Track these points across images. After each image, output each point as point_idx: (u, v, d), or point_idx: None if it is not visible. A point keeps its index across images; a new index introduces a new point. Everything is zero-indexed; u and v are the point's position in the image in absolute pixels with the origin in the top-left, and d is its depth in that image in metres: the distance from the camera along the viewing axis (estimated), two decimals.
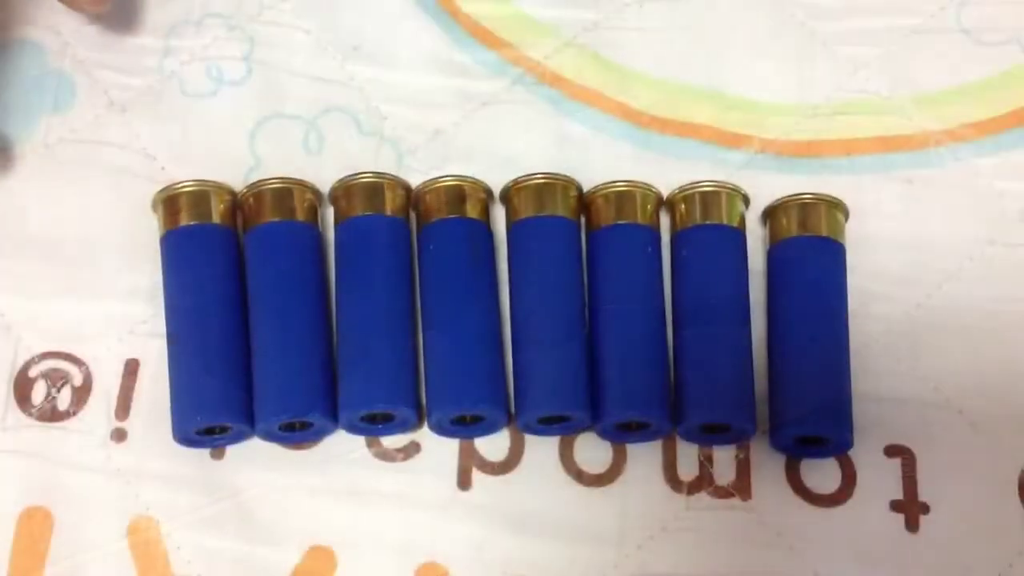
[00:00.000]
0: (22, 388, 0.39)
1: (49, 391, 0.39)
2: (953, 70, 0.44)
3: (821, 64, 0.44)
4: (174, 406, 0.37)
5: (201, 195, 0.39)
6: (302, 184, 0.39)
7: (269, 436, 0.37)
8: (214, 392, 0.37)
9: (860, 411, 0.38)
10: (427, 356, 0.37)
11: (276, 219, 0.38)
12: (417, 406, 0.37)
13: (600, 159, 0.42)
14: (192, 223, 0.38)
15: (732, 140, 0.43)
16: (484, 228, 0.39)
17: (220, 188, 0.39)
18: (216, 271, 0.38)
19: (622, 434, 0.37)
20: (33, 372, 0.39)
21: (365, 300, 0.37)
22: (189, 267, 0.38)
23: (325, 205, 0.40)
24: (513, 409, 0.38)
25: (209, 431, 0.37)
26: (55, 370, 0.39)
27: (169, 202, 0.39)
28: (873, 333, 0.39)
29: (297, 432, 0.37)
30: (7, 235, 0.41)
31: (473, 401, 0.36)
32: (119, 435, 0.38)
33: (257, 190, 0.39)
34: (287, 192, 0.39)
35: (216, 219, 0.39)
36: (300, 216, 0.39)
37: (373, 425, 0.37)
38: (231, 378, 0.37)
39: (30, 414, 0.38)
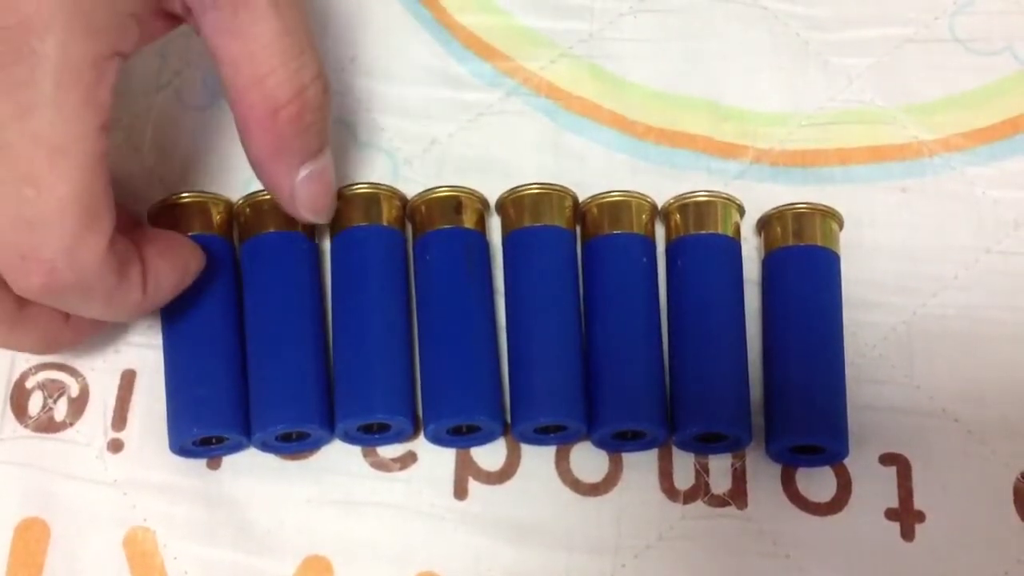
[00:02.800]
0: (19, 399, 0.39)
1: (46, 402, 0.39)
2: (946, 80, 0.44)
3: (814, 74, 0.44)
4: (170, 416, 0.37)
5: (198, 206, 0.39)
6: None
7: (266, 446, 0.37)
8: (210, 403, 0.37)
9: (855, 420, 0.38)
10: (424, 366, 0.37)
11: (273, 230, 0.39)
12: (414, 416, 0.37)
13: (595, 169, 0.42)
14: (188, 234, 0.38)
15: (727, 150, 0.43)
16: (480, 238, 0.39)
17: (217, 199, 0.39)
18: (213, 282, 0.38)
19: (618, 443, 0.37)
20: (30, 383, 0.39)
21: (361, 310, 0.37)
22: None
23: None
24: (509, 419, 0.38)
25: (205, 441, 0.37)
26: (52, 381, 0.39)
27: (165, 212, 0.39)
28: (868, 342, 0.40)
29: (294, 442, 0.37)
30: None
31: (470, 411, 0.36)
32: (116, 446, 0.38)
33: (254, 201, 0.39)
34: None
35: (213, 230, 0.39)
36: (297, 227, 0.39)
37: (370, 435, 0.37)
38: (228, 388, 0.37)
39: (27, 425, 0.38)
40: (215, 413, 0.36)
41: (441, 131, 0.43)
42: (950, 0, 0.45)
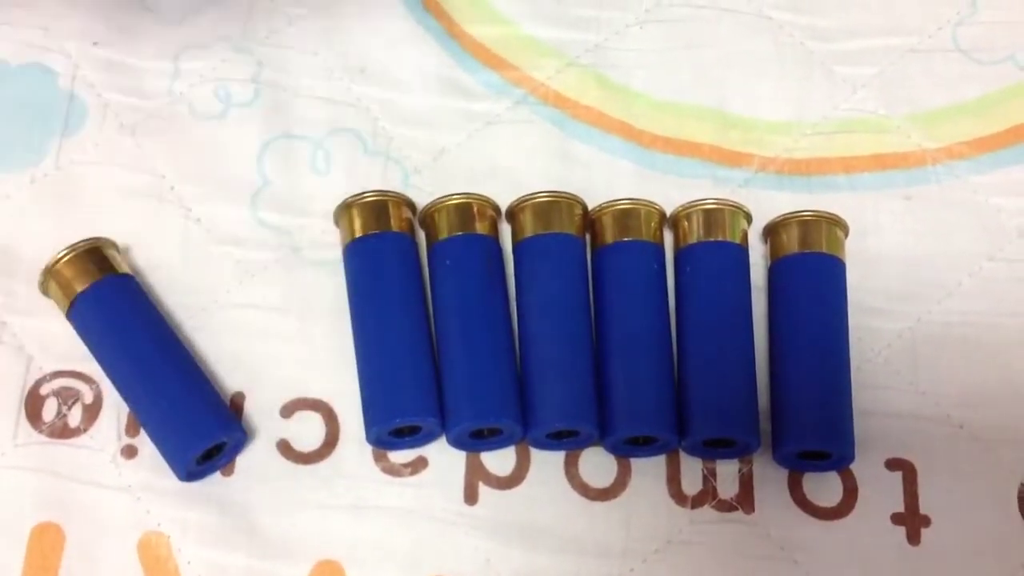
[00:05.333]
0: (33, 405, 0.39)
1: (60, 408, 0.39)
2: (950, 88, 0.44)
3: (819, 83, 0.45)
4: (163, 448, 0.37)
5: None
6: None
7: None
8: (200, 415, 0.37)
9: (861, 425, 0.38)
10: (445, 370, 0.38)
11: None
12: (442, 417, 0.38)
13: (603, 178, 0.43)
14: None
15: (732, 159, 0.43)
16: (496, 244, 0.40)
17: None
18: None
19: (630, 449, 0.38)
20: (44, 390, 0.39)
21: (384, 316, 0.38)
22: None
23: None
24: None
25: (207, 455, 0.37)
26: (66, 388, 0.39)
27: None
28: (873, 348, 0.40)
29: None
30: (18, 256, 0.41)
31: (495, 414, 0.37)
32: (129, 451, 0.38)
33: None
34: None
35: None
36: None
37: (399, 439, 0.38)
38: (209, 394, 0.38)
39: (41, 431, 0.39)
40: (209, 423, 0.37)
41: (450, 140, 0.43)
42: (953, 10, 0.46)
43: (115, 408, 0.39)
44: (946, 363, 0.40)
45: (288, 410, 0.39)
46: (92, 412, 0.39)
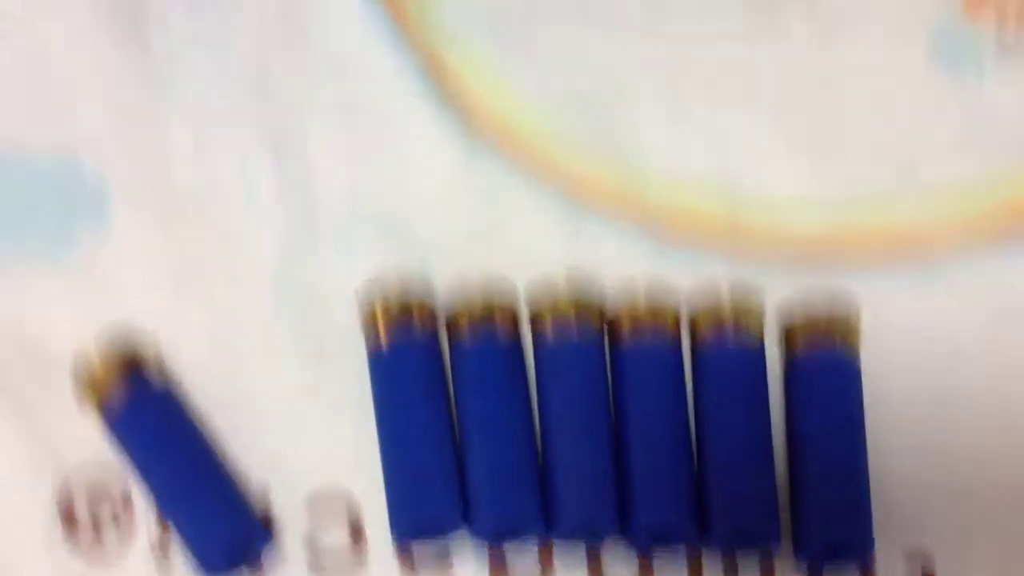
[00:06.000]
0: (66, 509, 0.40)
1: (90, 510, 0.40)
2: (964, 165, 0.44)
3: (835, 159, 0.44)
4: (188, 549, 0.38)
5: None
6: None
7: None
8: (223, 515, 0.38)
9: (877, 515, 0.38)
10: (469, 471, 0.38)
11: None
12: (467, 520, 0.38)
13: (615, 261, 0.43)
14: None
15: (744, 239, 0.43)
16: (518, 347, 0.40)
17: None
18: None
19: (651, 543, 0.38)
20: (75, 489, 0.40)
21: (409, 423, 0.39)
22: None
23: None
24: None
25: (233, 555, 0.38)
26: (96, 484, 0.40)
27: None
28: (889, 433, 0.40)
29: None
30: (44, 347, 0.42)
31: (520, 516, 0.38)
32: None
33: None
34: None
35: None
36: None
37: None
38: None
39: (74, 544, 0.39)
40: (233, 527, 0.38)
41: (470, 226, 0.43)
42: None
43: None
44: (964, 445, 0.40)
45: (313, 504, 0.40)
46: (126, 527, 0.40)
